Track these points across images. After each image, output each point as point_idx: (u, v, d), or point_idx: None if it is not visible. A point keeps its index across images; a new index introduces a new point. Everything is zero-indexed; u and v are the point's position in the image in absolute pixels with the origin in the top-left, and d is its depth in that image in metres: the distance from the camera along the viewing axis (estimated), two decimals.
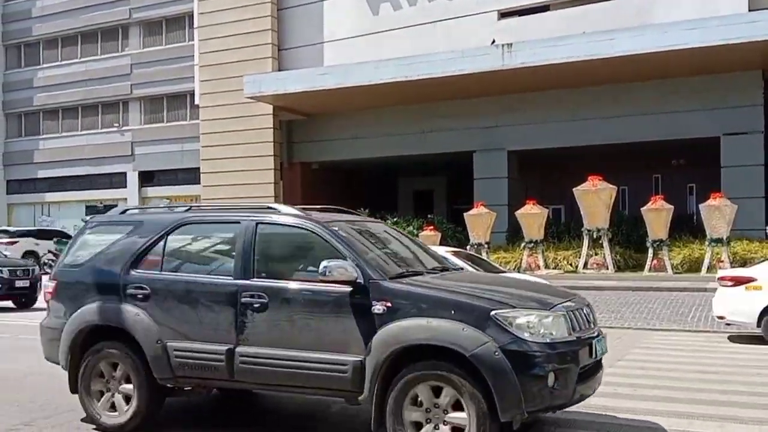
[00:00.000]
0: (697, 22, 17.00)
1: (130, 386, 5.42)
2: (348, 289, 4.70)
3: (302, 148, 25.30)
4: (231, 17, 24.31)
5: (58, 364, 5.79)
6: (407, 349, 4.48)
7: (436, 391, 4.45)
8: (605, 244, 17.01)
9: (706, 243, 15.96)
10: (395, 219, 21.20)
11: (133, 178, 32.02)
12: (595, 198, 17.07)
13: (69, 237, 26.88)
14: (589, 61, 17.90)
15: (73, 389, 5.68)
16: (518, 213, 18.31)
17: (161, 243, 5.53)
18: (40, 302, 16.44)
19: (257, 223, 5.27)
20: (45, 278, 16.55)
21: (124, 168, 32.13)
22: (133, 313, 5.35)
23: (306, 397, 5.87)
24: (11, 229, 27.55)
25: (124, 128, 32.29)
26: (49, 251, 25.42)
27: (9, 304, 15.73)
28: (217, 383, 5.39)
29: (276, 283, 5.04)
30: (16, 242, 24.94)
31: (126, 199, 32.23)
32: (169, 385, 5.37)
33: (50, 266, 24.46)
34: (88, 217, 6.10)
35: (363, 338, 4.60)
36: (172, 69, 30.34)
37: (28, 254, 24.40)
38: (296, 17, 24.07)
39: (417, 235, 19.14)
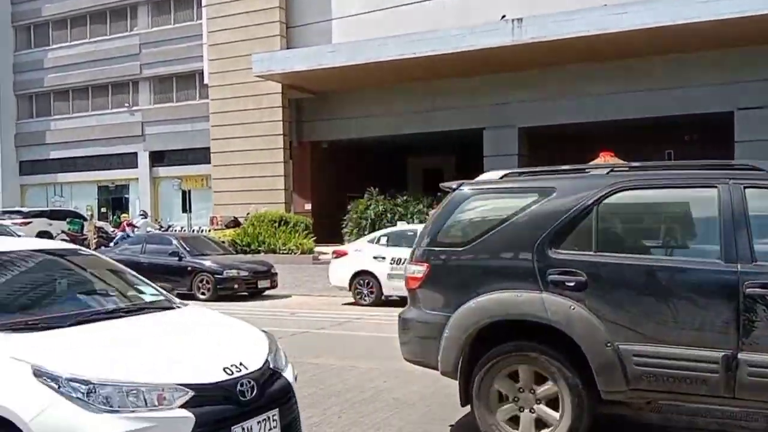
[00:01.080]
0: None
1: (551, 395, 4.26)
2: None
3: (311, 126, 25.25)
4: None
5: (430, 367, 4.69)
6: None
7: None
8: None
9: None
10: (405, 197, 21.17)
11: (143, 158, 32.09)
12: None
13: (82, 217, 27.10)
14: (600, 35, 17.68)
15: (466, 401, 4.51)
16: None
17: (590, 215, 4.22)
18: None
19: (745, 187, 3.96)
20: None
21: (135, 148, 32.20)
22: (565, 306, 4.11)
23: None
24: (24, 209, 27.75)
25: (134, 108, 32.30)
26: (62, 231, 25.60)
27: None
28: (696, 399, 4.10)
29: None
30: (29, 223, 25.14)
31: (137, 179, 32.38)
32: (614, 400, 4.24)
33: None
34: (454, 185, 4.90)
35: None
36: (181, 48, 30.22)
37: (42, 234, 24.56)
38: None
39: (427, 213, 19.12)
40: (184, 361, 3.52)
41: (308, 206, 24.73)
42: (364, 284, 12.47)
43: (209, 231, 23.94)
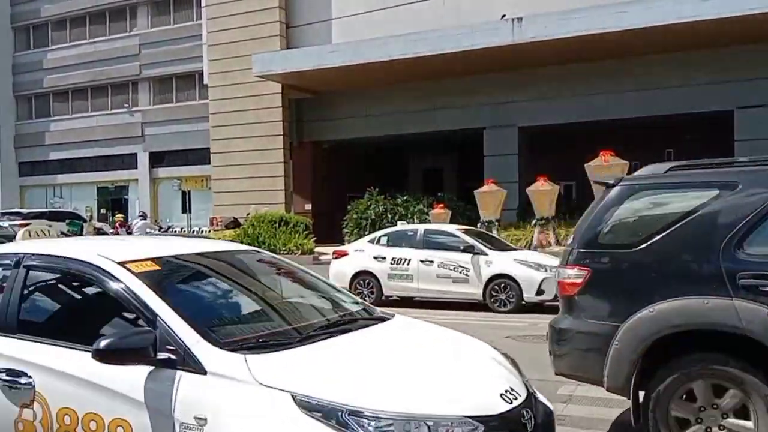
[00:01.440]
0: None
1: (737, 405, 3.83)
2: None
3: (312, 127, 25.22)
4: None
5: (591, 382, 4.28)
6: None
7: None
8: None
9: None
10: (405, 197, 21.15)
11: (143, 159, 32.07)
12: (607, 173, 16.91)
13: (81, 218, 27.06)
14: (600, 34, 17.66)
15: (638, 418, 4.04)
16: (529, 190, 18.19)
17: None
18: None
19: None
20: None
21: (135, 149, 32.18)
22: (762, 313, 3.67)
23: None
24: (24, 210, 27.70)
25: (134, 109, 32.28)
26: (62, 233, 25.55)
27: None
28: None
29: None
30: (28, 224, 25.08)
31: (137, 180, 32.36)
32: None
33: None
34: (610, 181, 4.42)
35: None
36: (180, 49, 30.21)
37: None
38: None
39: (427, 213, 19.09)
40: (455, 387, 2.82)
41: (308, 206, 24.72)
42: (364, 284, 12.43)
43: (209, 232, 23.92)
